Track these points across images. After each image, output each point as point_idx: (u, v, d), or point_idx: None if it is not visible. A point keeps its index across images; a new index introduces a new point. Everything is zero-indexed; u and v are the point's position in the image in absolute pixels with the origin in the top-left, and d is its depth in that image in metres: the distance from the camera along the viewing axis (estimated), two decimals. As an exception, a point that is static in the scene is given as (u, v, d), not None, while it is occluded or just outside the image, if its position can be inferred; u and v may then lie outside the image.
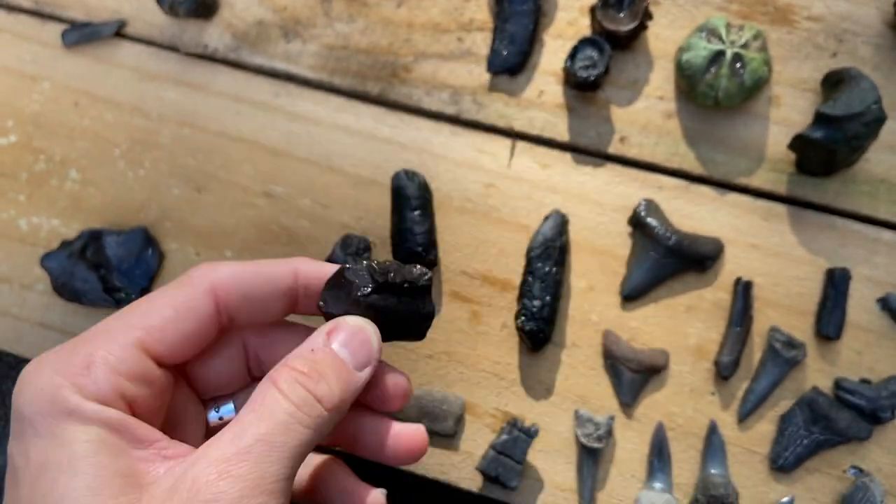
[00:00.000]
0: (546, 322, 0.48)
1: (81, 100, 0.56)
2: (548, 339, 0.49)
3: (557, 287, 0.49)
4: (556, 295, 0.49)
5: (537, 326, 0.48)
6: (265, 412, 0.27)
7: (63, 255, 0.50)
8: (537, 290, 0.49)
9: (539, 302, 0.49)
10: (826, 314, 0.48)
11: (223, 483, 0.25)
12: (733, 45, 0.49)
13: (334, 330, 0.30)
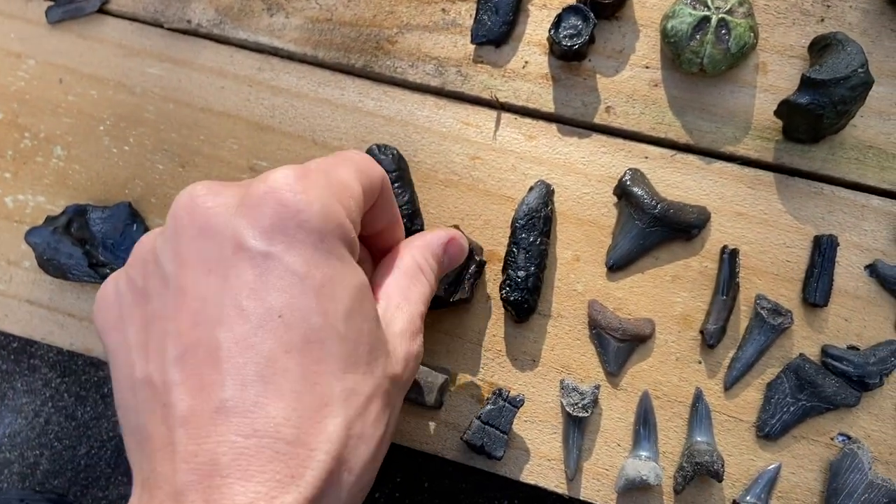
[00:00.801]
0: (531, 292, 0.48)
1: (66, 76, 0.56)
2: (533, 309, 0.49)
3: (542, 257, 0.49)
4: (542, 265, 0.49)
5: (522, 297, 0.48)
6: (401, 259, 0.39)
7: (48, 230, 0.50)
8: (522, 261, 0.49)
9: (524, 272, 0.48)
10: (813, 281, 0.47)
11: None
12: (718, 11, 0.48)
13: (450, 242, 0.42)
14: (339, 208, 0.31)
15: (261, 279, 0.28)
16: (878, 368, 0.46)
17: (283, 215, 0.29)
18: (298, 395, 0.27)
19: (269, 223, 0.29)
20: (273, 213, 0.29)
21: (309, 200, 0.30)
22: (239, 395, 0.27)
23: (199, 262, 0.29)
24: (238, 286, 0.28)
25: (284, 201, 0.30)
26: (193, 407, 0.27)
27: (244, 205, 0.30)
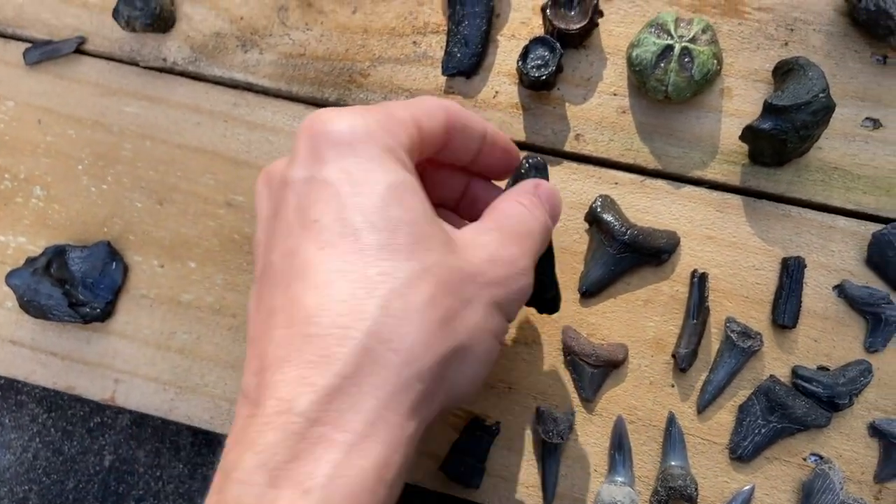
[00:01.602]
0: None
1: (44, 117, 0.57)
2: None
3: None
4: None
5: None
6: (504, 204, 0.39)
7: (27, 272, 0.51)
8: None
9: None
10: (782, 303, 0.48)
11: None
12: (681, 40, 0.49)
13: (539, 185, 0.40)
14: (369, 121, 0.33)
15: (302, 198, 0.32)
16: (847, 389, 0.46)
17: (315, 141, 0.33)
18: (331, 283, 0.30)
19: (304, 153, 0.33)
20: (306, 143, 0.33)
21: (336, 121, 0.33)
22: (282, 296, 0.31)
23: (267, 211, 0.35)
24: (286, 212, 0.33)
25: (314, 130, 0.33)
26: (255, 318, 0.32)
27: (291, 150, 0.35)
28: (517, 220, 0.37)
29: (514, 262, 0.36)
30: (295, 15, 0.56)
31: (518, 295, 0.36)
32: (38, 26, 0.58)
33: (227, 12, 0.57)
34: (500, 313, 0.35)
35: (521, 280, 0.36)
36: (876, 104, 0.51)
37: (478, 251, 0.35)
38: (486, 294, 0.34)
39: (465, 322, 0.32)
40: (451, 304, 0.32)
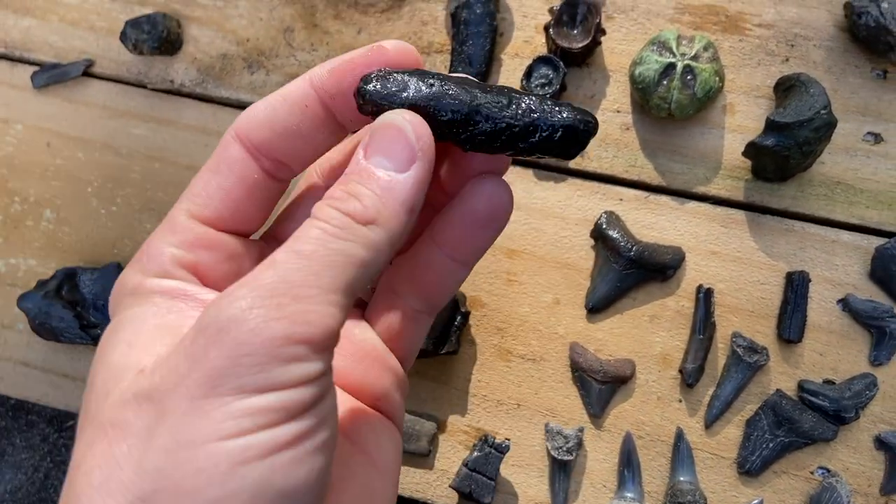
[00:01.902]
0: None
1: (53, 140, 0.57)
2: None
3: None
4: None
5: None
6: (296, 236, 0.23)
7: (38, 295, 0.52)
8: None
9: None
10: (787, 318, 0.49)
11: (244, 292, 0.21)
12: (684, 58, 0.50)
13: (368, 138, 0.25)
14: (122, 277, 0.27)
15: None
16: (853, 402, 0.47)
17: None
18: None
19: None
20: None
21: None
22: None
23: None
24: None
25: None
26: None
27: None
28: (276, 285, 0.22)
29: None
30: (300, 36, 0.57)
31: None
32: (45, 49, 0.59)
33: (233, 34, 0.57)
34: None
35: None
36: (877, 119, 0.51)
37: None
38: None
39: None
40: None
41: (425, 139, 0.24)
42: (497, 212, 0.27)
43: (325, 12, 0.57)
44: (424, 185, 0.24)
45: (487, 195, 0.27)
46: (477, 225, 0.27)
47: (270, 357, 0.21)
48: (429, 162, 0.24)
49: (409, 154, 0.24)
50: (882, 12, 0.49)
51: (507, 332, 0.51)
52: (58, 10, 0.59)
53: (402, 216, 0.24)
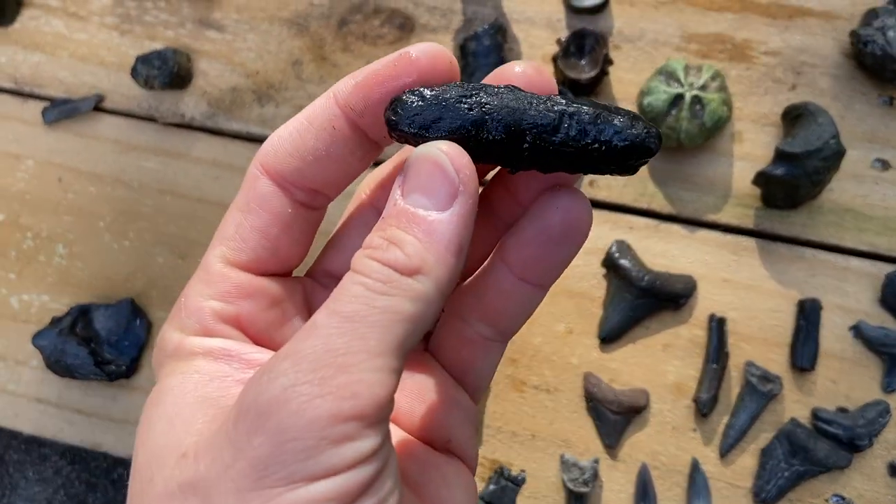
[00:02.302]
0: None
1: (65, 175, 0.57)
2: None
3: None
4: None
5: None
6: (337, 295, 0.21)
7: (53, 332, 0.52)
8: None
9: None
10: (799, 346, 0.49)
11: (286, 367, 0.20)
12: (692, 88, 0.50)
13: (404, 175, 0.22)
14: (163, 335, 0.25)
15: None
16: (867, 430, 0.47)
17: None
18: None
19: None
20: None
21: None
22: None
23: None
24: None
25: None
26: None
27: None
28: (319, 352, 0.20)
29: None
30: (309, 68, 0.57)
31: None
32: (55, 85, 0.59)
33: (242, 67, 0.57)
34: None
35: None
36: (885, 145, 0.51)
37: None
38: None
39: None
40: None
41: (466, 171, 0.22)
42: (575, 227, 0.24)
43: (334, 45, 0.57)
44: (470, 221, 0.22)
45: (564, 209, 0.24)
46: (552, 242, 0.24)
47: (318, 440, 0.19)
48: (472, 195, 0.22)
49: (451, 190, 0.22)
50: (888, 41, 0.50)
51: (520, 362, 0.51)
52: (68, 45, 0.59)
53: (449, 260, 0.22)
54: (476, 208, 0.22)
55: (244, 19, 0.58)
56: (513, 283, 0.25)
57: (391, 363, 0.20)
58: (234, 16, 0.58)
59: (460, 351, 0.26)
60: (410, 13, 0.57)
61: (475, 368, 0.27)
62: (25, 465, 0.62)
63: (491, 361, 0.27)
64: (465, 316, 0.26)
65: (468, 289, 0.26)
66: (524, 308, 0.26)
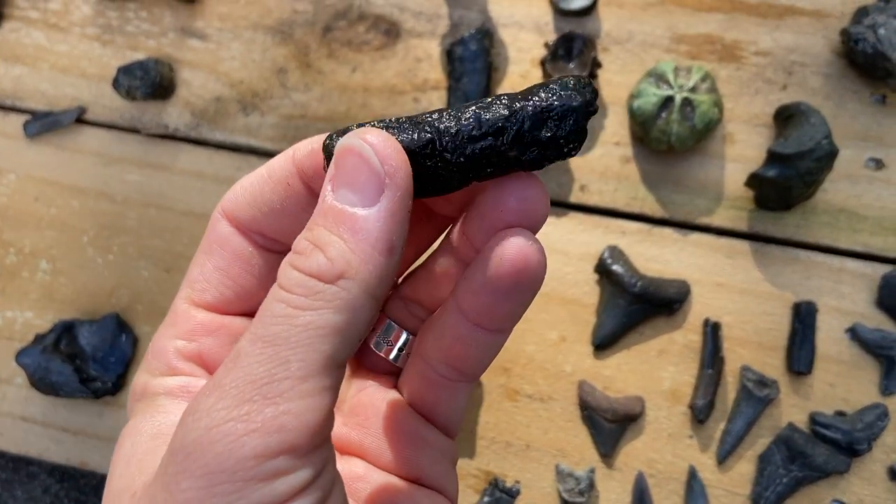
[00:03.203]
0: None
1: (47, 189, 0.57)
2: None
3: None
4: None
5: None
6: (259, 316, 0.20)
7: (37, 350, 0.51)
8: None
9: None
10: (796, 349, 0.48)
11: (210, 404, 0.19)
12: (682, 90, 0.49)
13: (332, 169, 0.21)
14: (134, 381, 0.25)
15: None
16: (865, 434, 0.46)
17: None
18: None
19: None
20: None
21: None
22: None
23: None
24: None
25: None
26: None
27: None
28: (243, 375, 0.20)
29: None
30: (294, 76, 0.56)
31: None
32: (37, 97, 0.58)
33: (226, 76, 0.57)
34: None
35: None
36: (878, 144, 0.51)
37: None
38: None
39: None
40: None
41: (393, 161, 0.20)
42: (525, 276, 0.22)
43: (319, 52, 0.56)
44: (401, 215, 0.21)
45: (512, 256, 0.22)
46: (501, 292, 0.22)
47: (248, 479, 0.18)
48: (401, 188, 0.20)
49: (376, 183, 0.20)
50: (879, 38, 0.49)
51: (513, 371, 0.51)
52: (48, 57, 0.58)
53: (378, 260, 0.20)
54: (410, 201, 0.21)
55: (227, 28, 0.57)
56: (469, 329, 0.23)
57: (321, 383, 0.19)
58: (217, 24, 0.57)
59: (424, 392, 0.25)
60: (396, 18, 0.56)
61: (443, 407, 0.26)
62: (13, 485, 0.61)
63: (458, 401, 0.26)
64: (426, 357, 0.25)
65: (429, 328, 0.25)
66: (484, 352, 0.24)
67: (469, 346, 0.24)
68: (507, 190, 0.22)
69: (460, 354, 0.24)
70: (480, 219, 0.23)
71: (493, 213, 0.22)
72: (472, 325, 0.23)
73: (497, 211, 0.22)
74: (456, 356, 0.24)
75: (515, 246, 0.22)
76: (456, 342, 0.24)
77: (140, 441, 0.22)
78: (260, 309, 0.20)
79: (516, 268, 0.22)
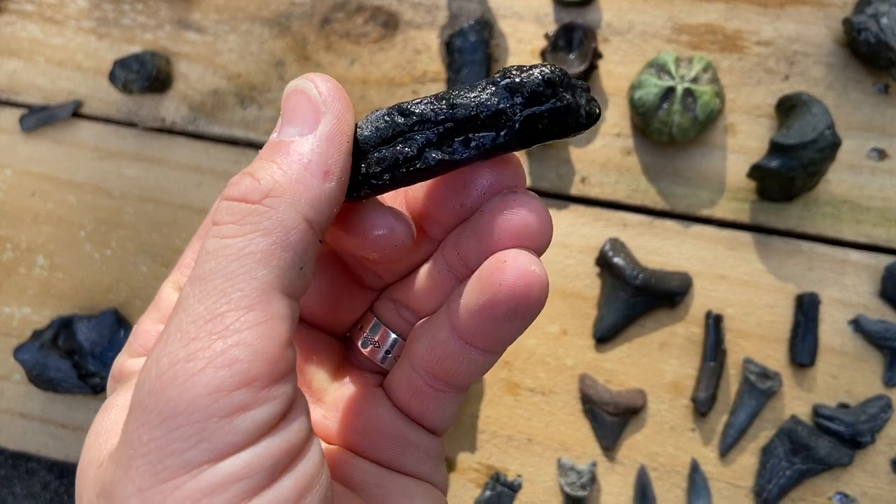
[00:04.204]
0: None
1: (43, 184, 0.56)
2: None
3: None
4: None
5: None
6: (198, 257, 0.19)
7: (35, 346, 0.50)
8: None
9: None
10: (798, 341, 0.48)
11: (158, 351, 0.18)
12: (683, 80, 0.49)
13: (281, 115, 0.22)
14: (115, 360, 0.24)
15: None
16: (869, 426, 0.46)
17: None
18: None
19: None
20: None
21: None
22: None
23: None
24: None
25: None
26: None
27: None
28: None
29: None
30: (292, 69, 0.56)
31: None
32: (32, 91, 0.58)
33: (223, 69, 0.56)
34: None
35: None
36: (881, 134, 0.50)
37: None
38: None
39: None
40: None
41: (330, 92, 0.20)
42: (524, 303, 0.21)
43: (317, 44, 0.56)
44: (339, 142, 0.20)
45: (511, 282, 0.20)
46: (497, 318, 0.21)
47: (205, 419, 0.17)
48: (337, 115, 0.20)
49: (314, 113, 0.20)
50: (882, 28, 0.48)
51: (514, 365, 0.50)
52: (44, 51, 0.58)
53: (309, 181, 0.20)
54: (349, 130, 0.21)
55: (224, 20, 0.57)
56: (461, 346, 0.23)
57: (268, 311, 0.18)
58: (214, 16, 0.57)
59: (411, 398, 0.25)
60: (394, 10, 0.55)
61: (429, 414, 0.25)
62: (13, 481, 0.61)
63: (447, 409, 0.25)
64: (415, 366, 0.24)
65: (419, 337, 0.24)
66: (475, 370, 0.23)
67: (460, 364, 0.23)
68: (497, 207, 0.21)
69: (450, 370, 0.23)
70: (476, 239, 0.22)
71: (487, 234, 0.21)
72: (463, 343, 0.22)
73: (491, 230, 0.21)
74: (446, 371, 0.24)
75: (516, 271, 0.20)
76: (446, 357, 0.23)
77: (110, 415, 0.21)
78: (200, 248, 0.20)
79: (516, 295, 0.20)
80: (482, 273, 0.21)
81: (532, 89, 0.20)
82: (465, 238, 0.22)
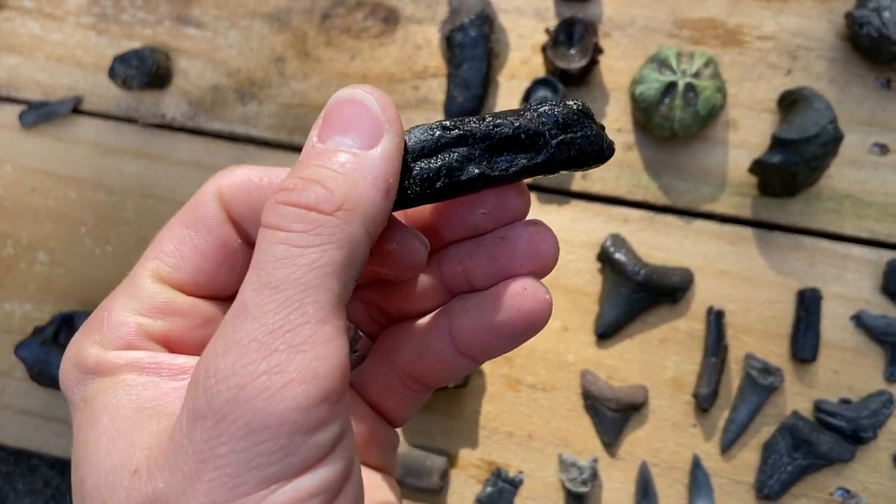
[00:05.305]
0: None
1: (44, 180, 0.56)
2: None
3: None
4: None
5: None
6: (259, 262, 0.19)
7: (36, 342, 0.50)
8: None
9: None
10: (800, 337, 0.48)
11: (231, 361, 0.18)
12: (685, 75, 0.49)
13: (321, 120, 0.21)
14: (77, 350, 0.23)
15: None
16: (870, 421, 0.46)
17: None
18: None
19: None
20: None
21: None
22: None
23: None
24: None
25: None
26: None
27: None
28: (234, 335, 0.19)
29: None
30: (293, 65, 0.56)
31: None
32: (32, 87, 0.57)
33: (223, 65, 0.56)
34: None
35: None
36: (883, 129, 0.50)
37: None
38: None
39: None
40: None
41: (391, 110, 0.21)
42: (536, 325, 0.22)
43: (317, 39, 0.56)
44: (397, 163, 0.20)
45: (528, 308, 0.22)
46: (507, 337, 0.22)
47: (293, 433, 0.17)
48: (398, 135, 0.21)
49: (376, 128, 0.20)
50: (884, 22, 0.48)
51: (515, 361, 0.50)
52: (44, 47, 0.57)
53: (375, 198, 0.19)
54: (401, 153, 0.21)
55: (224, 16, 0.56)
56: (455, 355, 0.23)
57: (338, 324, 0.18)
58: (214, 12, 0.57)
59: (385, 396, 0.25)
60: (394, 5, 0.55)
61: (399, 411, 0.26)
62: (14, 477, 0.61)
63: (416, 405, 0.26)
64: (395, 368, 0.25)
65: (403, 343, 0.24)
66: (455, 373, 0.24)
67: (451, 371, 0.24)
68: (522, 236, 0.23)
69: (436, 374, 0.24)
70: (492, 261, 0.23)
71: (507, 259, 0.22)
72: (459, 353, 0.23)
73: (513, 256, 0.22)
74: (431, 375, 0.24)
75: (533, 298, 0.22)
76: (436, 363, 0.24)
77: (123, 416, 0.20)
78: (255, 254, 0.19)
79: (531, 318, 0.22)
80: (501, 296, 0.22)
81: (568, 116, 0.23)
82: (478, 258, 0.23)
